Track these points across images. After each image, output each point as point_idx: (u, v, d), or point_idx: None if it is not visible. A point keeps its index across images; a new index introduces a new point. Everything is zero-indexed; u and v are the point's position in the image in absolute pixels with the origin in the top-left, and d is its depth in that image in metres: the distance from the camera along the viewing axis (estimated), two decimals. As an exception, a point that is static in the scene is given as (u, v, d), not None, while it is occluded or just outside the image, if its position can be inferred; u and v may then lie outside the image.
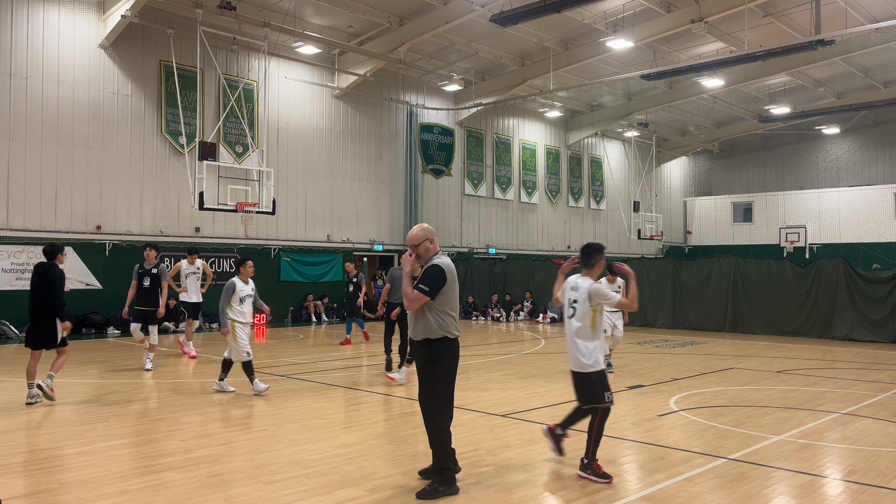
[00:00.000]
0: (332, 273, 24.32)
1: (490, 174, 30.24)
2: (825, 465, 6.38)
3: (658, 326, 21.17)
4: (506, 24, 19.85)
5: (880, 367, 12.96)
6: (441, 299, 5.45)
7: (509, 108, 30.83)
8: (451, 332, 5.49)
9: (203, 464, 6.23)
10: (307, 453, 6.60)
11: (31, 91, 18.11)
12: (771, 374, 12.02)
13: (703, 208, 40.87)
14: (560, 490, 5.69)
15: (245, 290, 9.80)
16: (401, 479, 5.83)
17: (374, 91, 25.45)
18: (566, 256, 30.49)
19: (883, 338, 17.33)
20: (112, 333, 18.27)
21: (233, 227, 21.69)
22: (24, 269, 17.73)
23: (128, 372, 11.67)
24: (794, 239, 35.17)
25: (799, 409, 8.90)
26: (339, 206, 24.74)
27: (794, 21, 22.30)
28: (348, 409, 8.76)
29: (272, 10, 20.57)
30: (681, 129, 37.66)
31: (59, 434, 7.38)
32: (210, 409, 8.76)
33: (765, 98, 31.63)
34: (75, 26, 18.83)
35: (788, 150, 39.75)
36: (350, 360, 13.63)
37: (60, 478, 5.84)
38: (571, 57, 24.73)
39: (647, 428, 7.79)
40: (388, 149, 26.42)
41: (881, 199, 34.19)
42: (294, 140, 23.46)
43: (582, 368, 5.97)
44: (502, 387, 10.48)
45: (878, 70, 28.54)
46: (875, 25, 19.41)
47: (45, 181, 18.31)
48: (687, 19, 20.93)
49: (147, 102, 20.15)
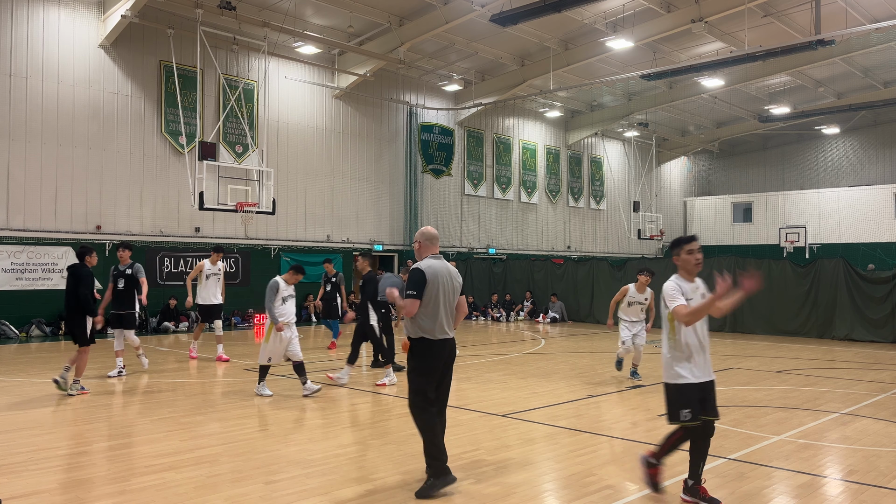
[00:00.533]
0: (332, 273, 24.33)
1: (490, 174, 30.24)
2: (825, 465, 6.38)
3: (658, 326, 21.14)
4: (506, 24, 19.85)
5: (880, 367, 12.96)
6: (424, 304, 5.56)
7: (509, 108, 30.83)
8: (429, 334, 5.57)
9: (203, 464, 6.23)
10: (307, 453, 6.60)
11: (31, 91, 18.11)
12: (771, 374, 12.02)
13: (703, 208, 40.88)
14: (560, 490, 5.69)
15: (288, 290, 9.71)
16: (401, 479, 5.83)
17: (374, 91, 25.45)
18: (566, 256, 30.50)
19: (883, 338, 17.34)
20: (112, 333, 18.23)
21: (233, 227, 21.68)
22: (25, 269, 17.74)
23: (128, 371, 11.66)
24: (794, 239, 35.16)
25: (799, 409, 8.90)
26: (339, 206, 24.74)
27: (794, 21, 22.30)
28: (348, 409, 8.76)
29: (272, 10, 20.57)
30: (681, 129, 37.66)
31: (59, 434, 7.38)
32: (210, 409, 8.76)
33: (765, 98, 31.63)
34: (75, 26, 18.83)
35: (788, 150, 39.76)
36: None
37: (60, 478, 5.85)
38: (571, 57, 24.73)
39: (648, 428, 7.79)
40: (388, 149, 26.42)
41: (881, 199, 34.19)
42: (294, 140, 23.46)
43: (665, 379, 5.45)
44: (502, 387, 10.49)
45: (878, 70, 28.54)
46: (875, 25, 19.41)
47: (45, 181, 18.31)
48: (687, 19, 20.93)
49: (147, 102, 20.15)
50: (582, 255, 32.32)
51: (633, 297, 11.14)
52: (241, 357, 13.75)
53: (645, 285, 11.14)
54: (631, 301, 11.16)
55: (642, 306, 11.19)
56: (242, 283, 21.62)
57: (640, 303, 11.16)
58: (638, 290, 11.17)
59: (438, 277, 5.63)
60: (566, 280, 24.36)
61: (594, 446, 6.97)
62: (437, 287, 5.61)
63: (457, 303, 5.83)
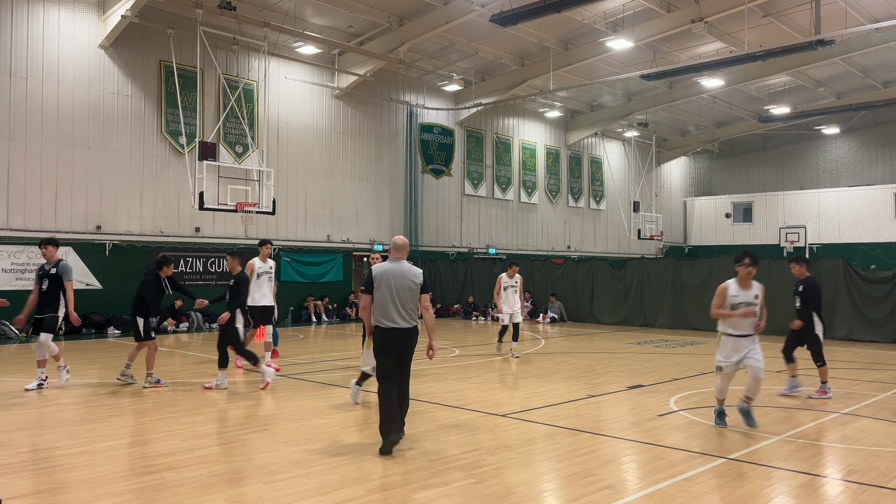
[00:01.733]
0: (332, 273, 24.36)
1: (490, 174, 30.24)
2: (825, 465, 6.38)
3: (658, 326, 21.17)
4: (506, 24, 19.85)
5: (880, 367, 12.97)
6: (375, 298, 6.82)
7: (509, 108, 30.83)
8: (379, 322, 6.80)
9: (203, 464, 6.23)
10: (307, 453, 6.60)
11: (31, 91, 18.11)
12: (771, 373, 12.01)
13: (703, 208, 40.87)
14: (560, 490, 5.69)
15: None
16: (401, 479, 5.83)
17: (374, 91, 25.45)
18: (566, 256, 30.50)
19: (883, 338, 17.33)
20: (112, 333, 18.27)
21: (233, 227, 21.69)
22: (25, 269, 17.74)
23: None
24: (794, 239, 35.15)
25: (799, 409, 8.89)
26: (339, 206, 24.75)
27: (794, 21, 22.31)
28: (348, 409, 8.76)
29: (272, 10, 20.57)
30: (681, 129, 37.66)
31: (59, 434, 7.38)
32: (210, 409, 8.76)
33: (765, 98, 31.63)
34: (75, 26, 18.83)
35: (788, 150, 39.76)
36: (350, 361, 13.62)
37: (60, 478, 5.84)
38: (571, 57, 24.74)
39: (647, 428, 7.79)
40: (388, 149, 26.42)
41: (881, 199, 34.19)
42: (294, 140, 23.46)
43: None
44: (502, 387, 10.48)
45: (878, 70, 28.54)
46: (875, 25, 19.41)
47: (45, 181, 18.31)
48: (687, 19, 20.94)
49: (147, 102, 20.15)
50: (582, 256, 32.32)
51: (735, 296, 7.48)
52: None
53: (749, 278, 7.58)
54: (734, 303, 7.46)
55: (754, 307, 7.50)
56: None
57: (750, 303, 7.48)
58: (742, 284, 7.56)
59: (385, 277, 6.78)
60: (566, 280, 24.36)
61: (594, 446, 6.96)
62: (383, 284, 6.76)
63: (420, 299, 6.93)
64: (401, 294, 6.76)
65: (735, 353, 7.49)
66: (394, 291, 6.74)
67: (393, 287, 6.75)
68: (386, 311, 6.75)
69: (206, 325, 19.80)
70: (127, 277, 19.26)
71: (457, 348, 15.50)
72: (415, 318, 6.86)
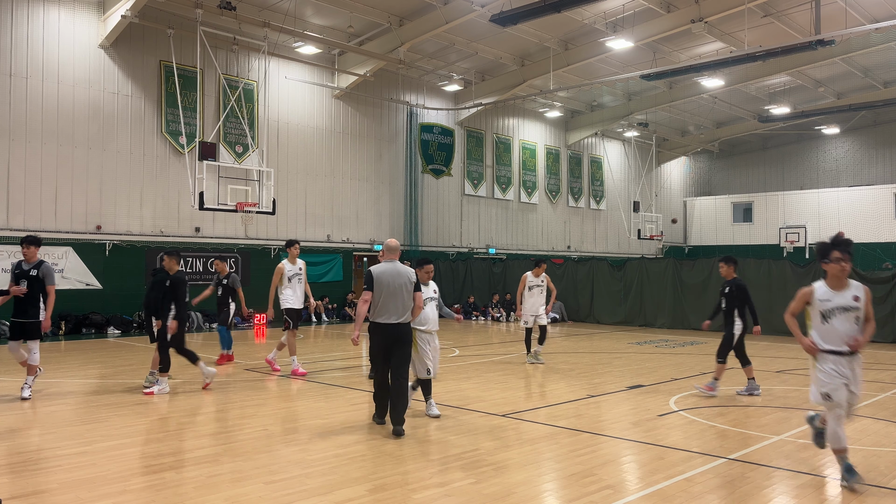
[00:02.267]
0: (332, 273, 24.36)
1: (490, 174, 30.25)
2: (825, 465, 6.37)
3: (658, 326, 21.17)
4: (506, 24, 19.85)
5: (880, 367, 12.97)
6: (374, 295, 7.46)
7: (509, 108, 30.83)
8: (374, 317, 7.49)
9: (203, 464, 6.23)
10: (307, 453, 6.60)
11: (31, 91, 18.11)
12: (771, 374, 12.01)
13: (703, 208, 40.87)
14: (560, 490, 5.69)
15: (426, 291, 8.39)
16: (401, 479, 5.83)
17: (374, 91, 25.45)
18: (566, 256, 30.50)
19: (883, 338, 17.33)
20: (112, 333, 18.28)
21: (233, 227, 21.69)
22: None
23: (128, 372, 11.67)
24: (794, 239, 35.16)
25: (799, 409, 8.89)
26: (339, 206, 24.75)
27: (794, 21, 22.31)
28: (348, 409, 8.76)
29: (272, 10, 20.57)
30: (681, 129, 37.66)
31: (59, 434, 7.38)
32: (210, 409, 8.76)
33: (765, 98, 31.63)
34: (75, 26, 18.83)
35: (788, 150, 39.76)
36: (350, 361, 13.62)
37: (60, 478, 5.84)
38: (571, 57, 24.74)
39: (647, 428, 7.79)
40: (388, 149, 26.42)
41: (881, 199, 34.19)
42: (294, 140, 23.46)
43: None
44: (502, 387, 10.49)
45: (878, 70, 28.54)
46: (875, 25, 19.41)
47: (45, 181, 18.31)
48: (687, 19, 20.94)
49: (147, 102, 20.15)
50: (582, 255, 32.32)
51: (825, 301, 5.91)
52: (241, 357, 13.74)
53: (844, 276, 5.94)
54: (826, 309, 5.90)
55: (854, 314, 5.99)
56: (242, 284, 21.55)
57: (848, 308, 5.96)
58: (833, 285, 5.94)
59: (384, 276, 7.43)
60: (566, 280, 24.35)
61: (594, 446, 6.96)
62: (382, 283, 7.41)
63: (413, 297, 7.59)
64: (395, 292, 7.43)
65: (839, 375, 5.77)
66: (386, 290, 7.43)
67: (386, 286, 7.43)
68: (383, 308, 7.44)
69: (205, 325, 19.82)
70: (127, 277, 19.30)
71: (457, 348, 15.50)
72: (408, 314, 7.54)
